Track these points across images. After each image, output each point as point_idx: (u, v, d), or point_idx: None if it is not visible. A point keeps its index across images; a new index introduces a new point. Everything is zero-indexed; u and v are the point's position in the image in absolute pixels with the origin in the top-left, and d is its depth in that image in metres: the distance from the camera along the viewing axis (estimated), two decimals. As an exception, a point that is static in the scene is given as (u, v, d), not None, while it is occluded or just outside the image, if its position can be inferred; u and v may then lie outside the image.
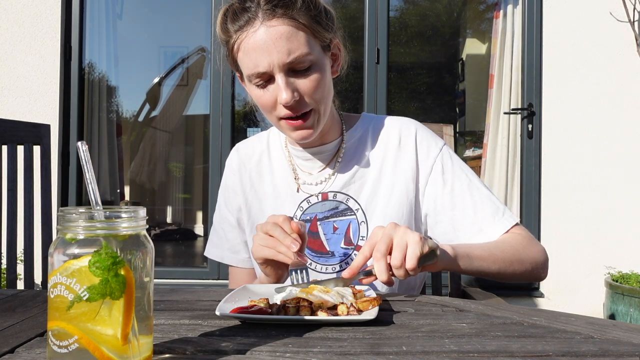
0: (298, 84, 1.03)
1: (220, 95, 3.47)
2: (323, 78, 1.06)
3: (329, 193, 1.17)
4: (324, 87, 1.06)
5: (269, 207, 1.21)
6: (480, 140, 4.05)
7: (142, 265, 0.55)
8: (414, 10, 5.75)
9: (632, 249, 3.25)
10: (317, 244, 1.17)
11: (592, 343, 0.66)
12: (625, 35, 3.22)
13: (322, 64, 1.06)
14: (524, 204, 3.41)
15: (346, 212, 1.17)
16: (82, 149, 0.60)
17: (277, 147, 1.25)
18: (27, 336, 0.68)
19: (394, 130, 1.19)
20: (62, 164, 3.44)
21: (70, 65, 3.48)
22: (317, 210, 1.17)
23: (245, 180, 1.24)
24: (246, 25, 1.01)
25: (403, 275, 0.87)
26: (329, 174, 1.18)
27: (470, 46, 5.75)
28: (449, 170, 1.15)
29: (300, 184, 1.20)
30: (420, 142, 1.17)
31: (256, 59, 1.01)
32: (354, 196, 1.17)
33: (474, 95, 5.30)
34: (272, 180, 1.22)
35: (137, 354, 0.53)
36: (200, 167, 5.09)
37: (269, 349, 0.63)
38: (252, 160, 1.25)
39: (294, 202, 1.18)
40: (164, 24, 5.20)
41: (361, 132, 1.21)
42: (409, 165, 1.16)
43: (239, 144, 1.30)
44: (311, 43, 1.03)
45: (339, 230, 1.16)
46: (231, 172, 1.26)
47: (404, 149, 1.17)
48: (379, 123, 1.22)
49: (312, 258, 1.17)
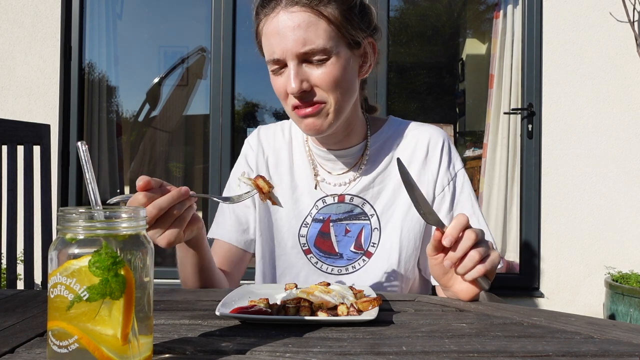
0: (311, 74, 1.01)
1: (220, 95, 3.47)
2: (341, 74, 1.02)
3: (346, 196, 1.16)
4: (341, 83, 1.02)
5: (286, 195, 1.17)
6: (480, 140, 4.05)
7: (142, 265, 0.55)
8: (414, 10, 5.75)
9: (632, 249, 3.25)
10: (327, 244, 1.16)
11: (592, 343, 0.66)
12: (625, 35, 3.22)
13: (342, 61, 1.02)
14: (524, 204, 3.41)
15: (360, 216, 1.15)
16: (82, 149, 0.60)
17: (298, 139, 1.23)
18: (27, 336, 0.68)
19: (423, 140, 1.17)
20: (62, 164, 3.44)
21: (70, 65, 3.48)
22: (332, 211, 1.16)
23: (261, 162, 1.22)
24: (271, 10, 1.02)
25: (454, 269, 0.86)
26: (349, 178, 1.16)
27: (470, 46, 5.75)
28: (459, 195, 1.15)
29: (319, 180, 1.18)
30: (444, 157, 1.16)
31: (273, 44, 1.01)
32: (370, 201, 1.15)
33: (474, 95, 5.29)
34: (291, 171, 1.20)
35: (137, 354, 0.53)
36: (200, 167, 5.08)
37: (269, 349, 0.63)
38: (272, 146, 1.23)
39: (311, 199, 1.17)
40: (164, 24, 5.19)
41: (386, 136, 1.19)
42: (432, 178, 1.15)
43: (261, 126, 1.27)
44: (333, 37, 1.00)
45: (351, 233, 1.15)
46: (250, 149, 1.24)
47: (430, 161, 1.16)
48: (406, 129, 1.19)
49: (319, 258, 1.16)
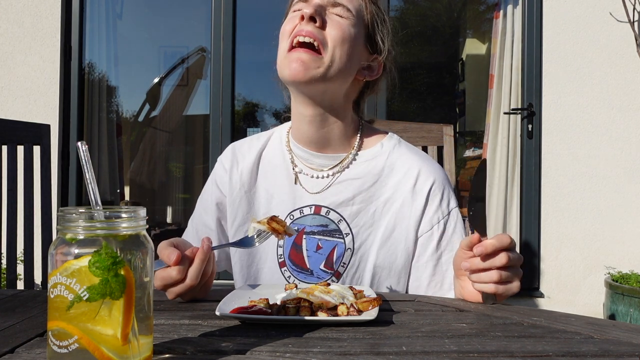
0: (327, 17, 1.06)
1: (220, 95, 3.47)
2: (350, 38, 1.06)
3: (322, 208, 1.11)
4: (344, 45, 1.05)
5: (261, 208, 1.16)
6: (480, 140, 4.05)
7: (142, 265, 0.55)
8: (414, 10, 5.75)
9: (632, 249, 3.25)
10: (299, 257, 1.11)
11: (592, 343, 0.66)
12: (625, 35, 3.22)
13: (356, 34, 1.08)
14: (524, 204, 3.41)
15: (335, 233, 1.10)
16: (82, 149, 0.60)
17: (276, 148, 1.19)
18: (27, 336, 0.68)
19: (412, 171, 1.12)
20: (62, 164, 3.44)
21: (70, 65, 3.48)
22: (307, 222, 1.11)
23: (235, 180, 1.17)
24: None
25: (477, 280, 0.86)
26: (329, 174, 1.12)
27: (470, 46, 5.75)
28: (447, 238, 1.11)
29: (297, 172, 1.14)
30: (432, 197, 1.11)
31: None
32: (347, 219, 1.10)
33: (474, 95, 5.30)
34: (266, 183, 1.17)
35: (137, 354, 0.53)
36: (200, 167, 5.08)
37: (269, 349, 0.63)
38: (246, 160, 1.19)
39: (286, 209, 1.13)
40: (164, 24, 5.19)
41: (378, 154, 1.14)
42: (415, 214, 1.10)
43: (234, 142, 1.24)
44: (361, 15, 1.09)
45: (323, 250, 1.10)
46: (222, 169, 1.20)
47: (416, 196, 1.11)
48: (400, 154, 1.15)
49: (292, 272, 1.11)
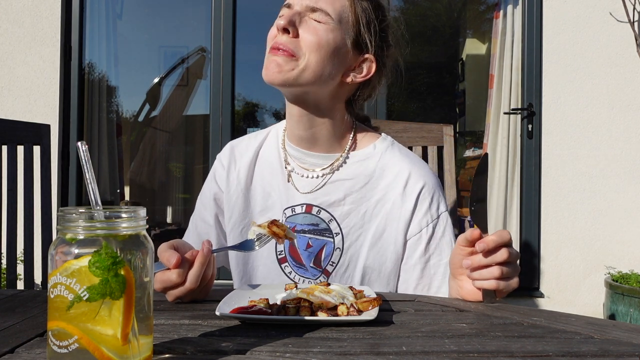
0: (303, 24, 1.05)
1: (220, 95, 3.47)
2: (326, 43, 1.05)
3: (313, 207, 1.13)
4: (320, 50, 1.04)
5: (257, 206, 1.18)
6: (480, 140, 4.05)
7: (142, 265, 0.55)
8: (414, 10, 5.75)
9: (632, 249, 3.25)
10: (297, 254, 1.14)
11: (592, 343, 0.66)
12: (625, 35, 3.22)
13: (335, 37, 1.06)
14: (524, 204, 3.41)
15: (325, 232, 1.12)
16: (82, 149, 0.60)
17: (273, 146, 1.21)
18: (27, 336, 0.68)
19: (403, 174, 1.13)
20: (62, 164, 3.44)
21: (70, 65, 3.48)
22: (298, 221, 1.14)
23: (233, 178, 1.21)
24: None
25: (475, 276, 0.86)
26: (320, 174, 1.14)
27: (470, 46, 5.76)
28: (435, 242, 1.12)
29: (290, 170, 1.16)
30: (422, 200, 1.12)
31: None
32: (338, 219, 1.12)
33: (474, 95, 5.30)
34: (262, 181, 1.19)
35: (137, 354, 0.53)
36: (200, 167, 5.08)
37: (269, 349, 0.63)
38: (244, 158, 1.21)
39: (280, 207, 1.16)
40: (164, 24, 5.19)
41: (370, 155, 1.15)
42: (404, 216, 1.11)
43: (233, 141, 1.27)
44: (344, 18, 1.07)
45: (312, 249, 1.12)
46: (221, 166, 1.24)
47: (405, 198, 1.12)
48: (393, 155, 1.16)
49: (293, 267, 1.14)
